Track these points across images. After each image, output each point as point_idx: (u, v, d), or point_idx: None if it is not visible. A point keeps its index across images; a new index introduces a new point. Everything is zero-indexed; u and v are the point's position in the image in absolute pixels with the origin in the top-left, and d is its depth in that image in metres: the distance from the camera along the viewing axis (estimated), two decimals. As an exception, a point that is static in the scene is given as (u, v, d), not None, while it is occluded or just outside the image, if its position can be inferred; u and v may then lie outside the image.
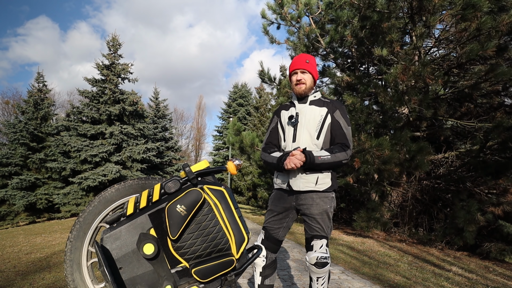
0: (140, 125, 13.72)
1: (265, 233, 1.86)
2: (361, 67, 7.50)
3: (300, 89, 1.81)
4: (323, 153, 1.69)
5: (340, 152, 1.71)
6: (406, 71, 4.40)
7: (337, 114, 1.79)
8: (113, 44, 13.56)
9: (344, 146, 1.74)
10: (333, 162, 1.69)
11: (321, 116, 1.78)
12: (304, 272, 3.20)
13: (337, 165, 1.73)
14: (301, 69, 1.81)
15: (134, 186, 1.42)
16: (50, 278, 2.98)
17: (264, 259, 1.84)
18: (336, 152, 1.70)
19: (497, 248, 4.73)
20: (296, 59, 1.86)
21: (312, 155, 1.67)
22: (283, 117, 1.90)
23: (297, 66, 1.82)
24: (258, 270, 1.86)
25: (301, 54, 1.91)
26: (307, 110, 1.80)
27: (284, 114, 1.90)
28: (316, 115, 1.78)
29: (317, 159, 1.66)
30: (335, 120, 1.78)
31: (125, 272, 1.29)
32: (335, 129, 1.78)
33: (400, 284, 3.02)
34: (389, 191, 6.46)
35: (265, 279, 1.87)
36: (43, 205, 12.53)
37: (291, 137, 1.81)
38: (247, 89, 26.56)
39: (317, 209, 1.72)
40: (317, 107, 1.80)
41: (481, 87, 5.04)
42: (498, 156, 5.00)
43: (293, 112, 1.84)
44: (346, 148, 1.73)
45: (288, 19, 7.20)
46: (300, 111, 1.82)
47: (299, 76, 1.81)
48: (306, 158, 1.66)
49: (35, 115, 13.56)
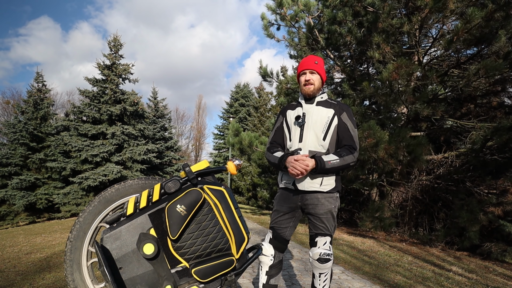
0: (140, 126, 13.73)
1: (273, 233, 1.88)
2: (360, 67, 7.50)
3: (309, 89, 1.81)
4: (332, 157, 1.70)
5: (348, 155, 1.72)
6: (398, 70, 4.40)
7: (344, 116, 1.80)
8: (115, 44, 13.57)
9: (351, 149, 1.75)
10: (342, 165, 1.71)
11: (328, 118, 1.78)
12: (305, 272, 3.20)
13: (345, 168, 1.76)
14: (310, 69, 1.82)
15: (134, 186, 1.42)
16: (50, 278, 2.98)
17: (272, 258, 1.84)
18: (344, 155, 1.72)
19: (497, 248, 4.72)
20: (305, 60, 1.87)
21: (322, 161, 1.67)
22: (289, 117, 1.90)
23: (306, 67, 1.83)
24: (264, 269, 1.86)
25: (310, 55, 1.92)
26: (314, 111, 1.81)
27: (290, 114, 1.90)
28: (323, 116, 1.79)
29: (327, 164, 1.67)
30: (342, 122, 1.79)
31: (125, 272, 1.29)
32: (342, 131, 1.79)
33: (400, 284, 3.02)
34: (389, 191, 6.46)
35: (270, 279, 1.88)
36: (43, 205, 12.53)
37: (297, 137, 1.81)
38: (249, 89, 26.51)
39: (322, 209, 1.75)
40: (324, 108, 1.81)
41: (476, 86, 5.03)
42: (498, 156, 5.00)
43: (300, 112, 1.84)
44: (353, 151, 1.75)
45: (287, 19, 7.20)
46: (307, 111, 1.82)
47: (307, 77, 1.81)
48: (317, 164, 1.67)
49: (34, 115, 13.56)
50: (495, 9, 4.07)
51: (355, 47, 6.48)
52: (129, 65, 13.69)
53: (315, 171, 1.69)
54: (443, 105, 4.94)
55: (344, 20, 5.95)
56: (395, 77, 4.47)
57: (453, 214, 5.03)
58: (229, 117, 24.88)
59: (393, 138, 4.84)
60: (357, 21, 5.75)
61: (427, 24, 5.33)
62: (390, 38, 5.15)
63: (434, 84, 5.09)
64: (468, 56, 5.82)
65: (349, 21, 5.94)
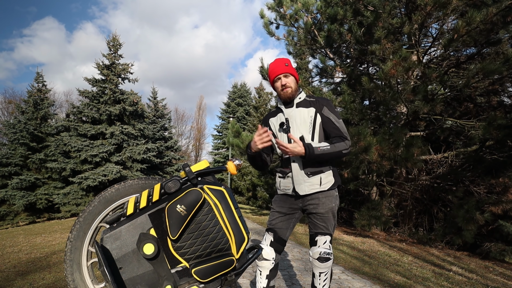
0: (140, 126, 13.72)
1: (274, 235, 1.85)
2: (360, 66, 7.50)
3: (287, 93, 1.80)
4: (322, 144, 1.69)
5: (339, 142, 1.71)
6: (396, 66, 4.41)
7: (325, 111, 1.80)
8: (114, 44, 13.55)
9: (342, 137, 1.75)
10: (333, 152, 1.69)
11: (311, 117, 1.78)
12: (304, 272, 3.20)
13: (337, 156, 1.72)
14: (283, 73, 1.80)
15: (134, 186, 1.42)
16: (50, 278, 2.98)
17: (273, 262, 1.83)
18: (335, 142, 1.71)
19: (497, 248, 4.73)
20: (275, 65, 1.84)
21: (311, 146, 1.67)
22: (272, 125, 1.90)
23: (279, 71, 1.81)
24: (264, 273, 1.84)
25: (277, 59, 1.89)
26: (295, 114, 1.80)
27: (273, 121, 1.90)
28: (306, 116, 1.78)
29: (316, 150, 1.66)
30: (325, 117, 1.79)
31: (125, 272, 1.29)
32: (327, 126, 1.79)
33: (400, 284, 3.03)
34: (388, 190, 6.46)
35: (270, 281, 1.88)
36: (43, 205, 12.53)
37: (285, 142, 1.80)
38: (246, 89, 26.53)
39: (323, 208, 1.75)
40: (305, 108, 1.80)
41: (476, 86, 5.04)
42: (497, 155, 5.00)
43: (282, 118, 1.84)
44: (344, 139, 1.74)
45: (287, 18, 7.19)
46: (288, 116, 1.82)
47: (283, 81, 1.80)
48: (305, 150, 1.65)
49: (35, 115, 13.56)
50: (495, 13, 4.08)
51: (355, 47, 6.48)
52: (128, 64, 13.68)
53: (304, 157, 1.68)
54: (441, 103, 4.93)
55: (344, 18, 5.95)
56: (393, 73, 4.48)
57: (452, 213, 5.04)
58: (228, 117, 24.89)
59: (385, 138, 4.85)
60: (358, 21, 5.75)
61: (427, 23, 5.33)
62: (389, 36, 5.15)
63: (433, 83, 5.09)
64: (468, 55, 5.82)
65: (349, 20, 5.94)
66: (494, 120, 4.36)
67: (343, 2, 5.89)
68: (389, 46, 5.09)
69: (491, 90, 5.77)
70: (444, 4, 4.34)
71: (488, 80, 4.74)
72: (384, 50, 5.14)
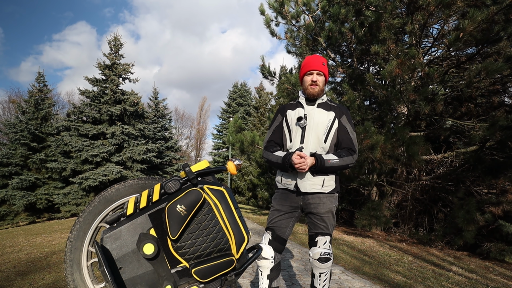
0: (140, 126, 13.73)
1: (272, 234, 1.85)
2: (361, 66, 7.50)
3: (314, 90, 1.79)
4: (332, 157, 1.72)
5: (347, 156, 1.75)
6: (401, 65, 4.41)
7: (344, 120, 1.82)
8: (115, 44, 13.56)
9: (351, 151, 1.78)
10: (341, 165, 1.73)
11: (329, 120, 1.79)
12: (304, 272, 3.20)
13: (343, 169, 1.78)
14: (317, 70, 1.79)
15: (134, 186, 1.42)
16: (50, 278, 2.98)
17: (273, 261, 1.82)
18: (343, 156, 1.74)
19: (497, 248, 4.73)
20: (312, 60, 1.82)
21: (322, 158, 1.69)
22: (289, 117, 1.86)
23: (315, 67, 1.79)
24: (265, 273, 1.83)
25: (315, 55, 1.87)
26: (315, 113, 1.80)
27: (290, 114, 1.86)
28: (324, 119, 1.79)
29: (326, 162, 1.70)
30: (342, 125, 1.81)
31: (125, 272, 1.29)
32: (342, 134, 1.80)
33: (400, 284, 3.02)
34: (389, 190, 6.46)
35: (271, 282, 1.87)
36: (43, 205, 12.54)
37: (299, 138, 1.80)
38: (246, 89, 26.53)
39: (324, 208, 1.76)
40: (325, 110, 1.81)
41: (477, 86, 5.04)
42: (497, 155, 4.99)
43: (301, 113, 1.82)
44: (353, 153, 1.78)
45: (288, 18, 7.19)
46: (308, 113, 1.81)
47: (315, 77, 1.79)
48: (316, 161, 1.69)
49: (35, 115, 13.57)
50: (496, 12, 4.08)
51: (357, 46, 6.48)
52: (129, 65, 13.70)
53: (314, 168, 1.70)
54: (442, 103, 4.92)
55: (346, 18, 5.94)
56: (398, 72, 4.46)
57: (452, 213, 5.03)
58: (228, 117, 24.90)
59: (389, 137, 4.85)
60: (359, 21, 5.74)
61: (429, 23, 5.32)
62: (393, 36, 5.16)
63: (434, 84, 5.09)
64: (469, 55, 5.81)
65: (350, 20, 5.94)
66: (497, 121, 4.37)
67: (345, 2, 5.89)
68: (393, 47, 5.10)
69: (492, 90, 5.76)
70: (448, 4, 4.34)
71: (489, 79, 4.73)
72: (389, 50, 5.14)
